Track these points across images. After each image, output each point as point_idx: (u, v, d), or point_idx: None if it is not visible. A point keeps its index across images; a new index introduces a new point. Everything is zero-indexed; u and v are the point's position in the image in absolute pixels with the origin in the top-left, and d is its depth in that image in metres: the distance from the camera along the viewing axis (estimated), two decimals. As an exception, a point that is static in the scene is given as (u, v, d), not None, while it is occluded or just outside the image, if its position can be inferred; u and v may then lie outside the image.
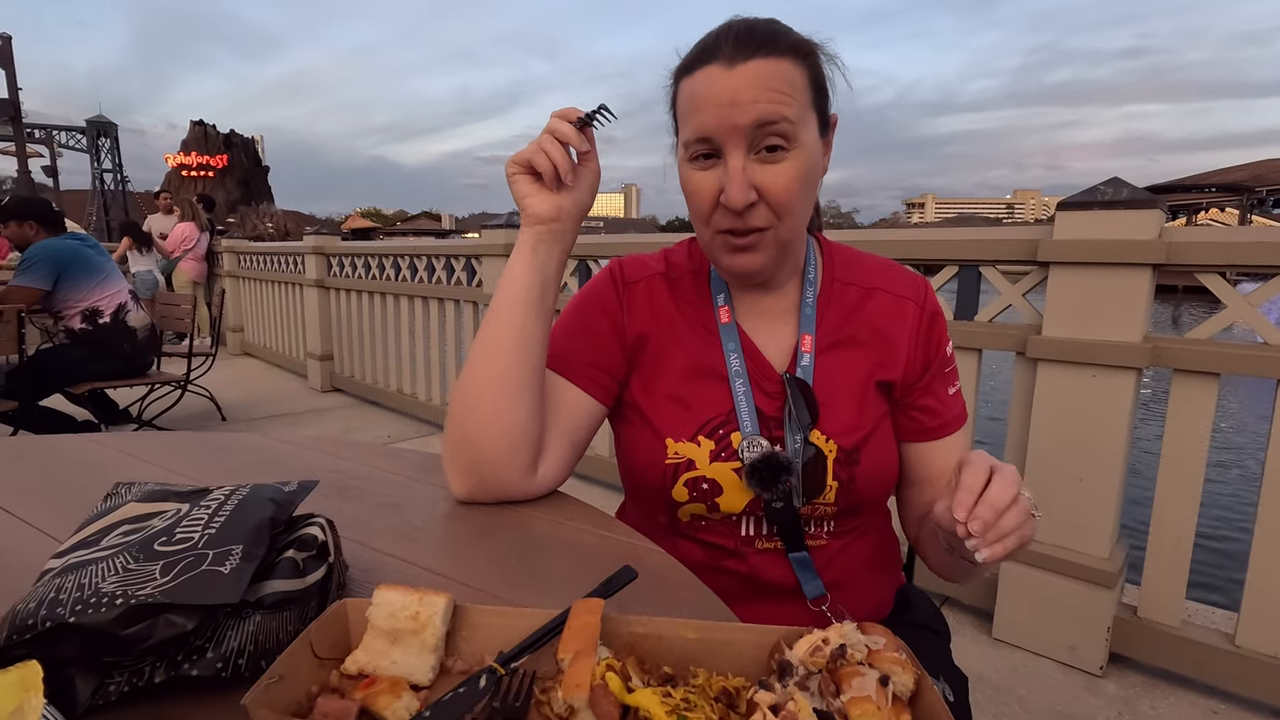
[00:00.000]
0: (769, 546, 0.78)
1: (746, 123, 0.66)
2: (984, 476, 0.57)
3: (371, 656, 0.46)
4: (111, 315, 3.33)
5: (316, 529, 0.53)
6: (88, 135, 33.68)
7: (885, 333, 0.80)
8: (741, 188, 0.67)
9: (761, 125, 0.66)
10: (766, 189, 0.68)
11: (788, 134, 0.67)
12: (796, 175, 0.69)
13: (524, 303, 0.74)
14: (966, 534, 0.55)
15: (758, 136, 0.67)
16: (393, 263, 4.18)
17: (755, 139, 0.67)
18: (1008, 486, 0.56)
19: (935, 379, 0.81)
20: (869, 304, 0.81)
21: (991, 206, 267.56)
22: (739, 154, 0.68)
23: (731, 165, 0.68)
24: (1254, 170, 19.84)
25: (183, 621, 0.41)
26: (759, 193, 0.68)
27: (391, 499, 0.81)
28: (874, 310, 0.80)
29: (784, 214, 0.70)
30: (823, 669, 0.41)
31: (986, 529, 0.55)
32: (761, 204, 0.69)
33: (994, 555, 0.56)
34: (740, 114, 0.66)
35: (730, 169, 0.68)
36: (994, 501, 0.56)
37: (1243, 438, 5.30)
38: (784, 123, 0.66)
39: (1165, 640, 1.70)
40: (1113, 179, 1.70)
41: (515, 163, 0.72)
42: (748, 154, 0.68)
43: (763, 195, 0.69)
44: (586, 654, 0.41)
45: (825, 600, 0.78)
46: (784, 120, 0.66)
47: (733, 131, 0.67)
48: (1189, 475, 1.65)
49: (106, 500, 0.56)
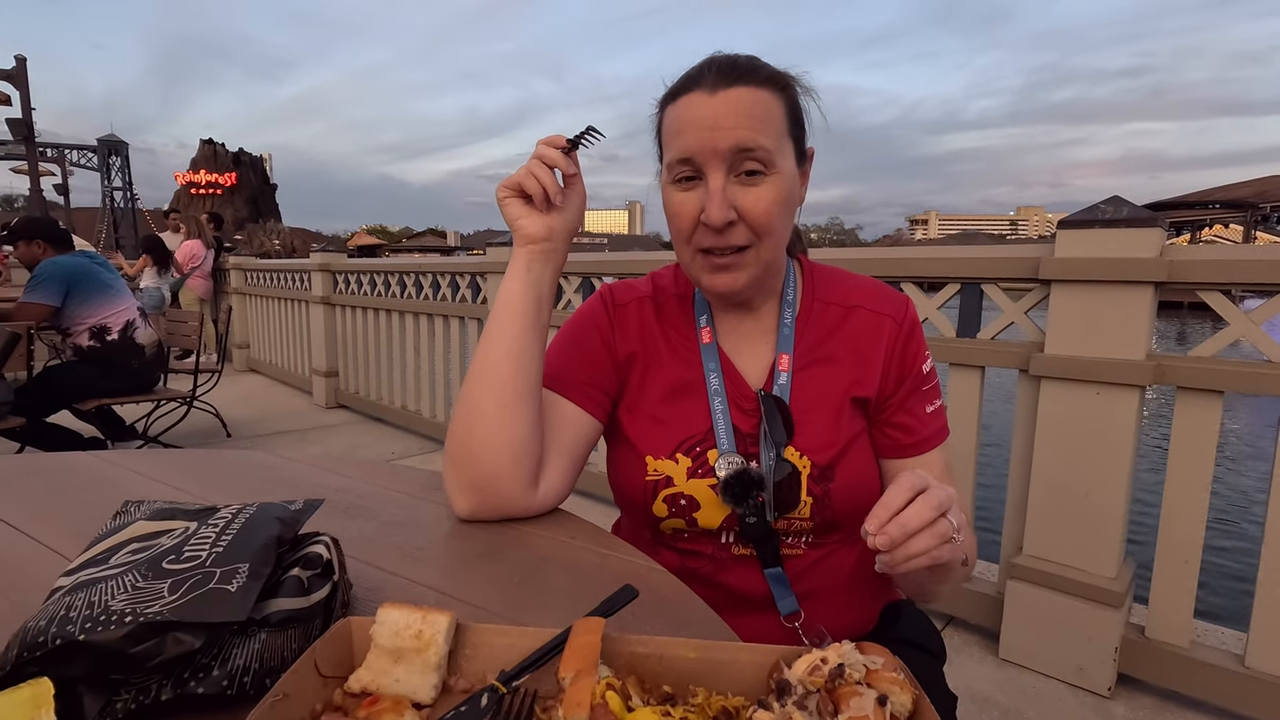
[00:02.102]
0: (745, 553, 0.80)
1: (726, 146, 0.70)
2: (905, 495, 0.58)
3: (375, 675, 0.46)
4: (120, 332, 3.36)
5: (321, 547, 0.54)
6: (99, 154, 34.13)
7: (862, 350, 0.81)
8: (721, 206, 0.71)
9: (740, 150, 0.70)
10: (746, 210, 0.72)
11: (765, 160, 0.71)
12: (774, 198, 0.72)
13: (520, 319, 0.77)
14: (874, 549, 0.57)
15: (737, 160, 0.71)
16: (398, 279, 4.21)
17: (735, 162, 0.71)
18: (926, 509, 0.57)
19: (911, 395, 0.82)
20: (848, 322, 0.83)
21: (995, 223, 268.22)
22: (719, 175, 0.71)
23: (712, 185, 0.71)
24: (1259, 186, 19.82)
25: (190, 639, 0.42)
26: (738, 213, 0.72)
27: (396, 518, 0.82)
28: (853, 328, 0.82)
29: (763, 234, 0.73)
30: (821, 688, 0.41)
31: (893, 545, 0.57)
32: (741, 224, 0.72)
33: (893, 570, 0.58)
34: (720, 138, 0.70)
35: (711, 189, 0.71)
36: (905, 522, 0.57)
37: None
38: (761, 150, 0.70)
39: (1174, 661, 1.68)
40: (1113, 197, 1.72)
41: (506, 187, 0.77)
42: (728, 176, 0.72)
43: (742, 216, 0.72)
44: (587, 673, 0.41)
45: (798, 617, 0.79)
46: (761, 148, 0.70)
47: (713, 154, 0.70)
48: (1195, 493, 1.64)
49: (116, 518, 0.56)
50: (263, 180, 41.21)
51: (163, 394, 3.64)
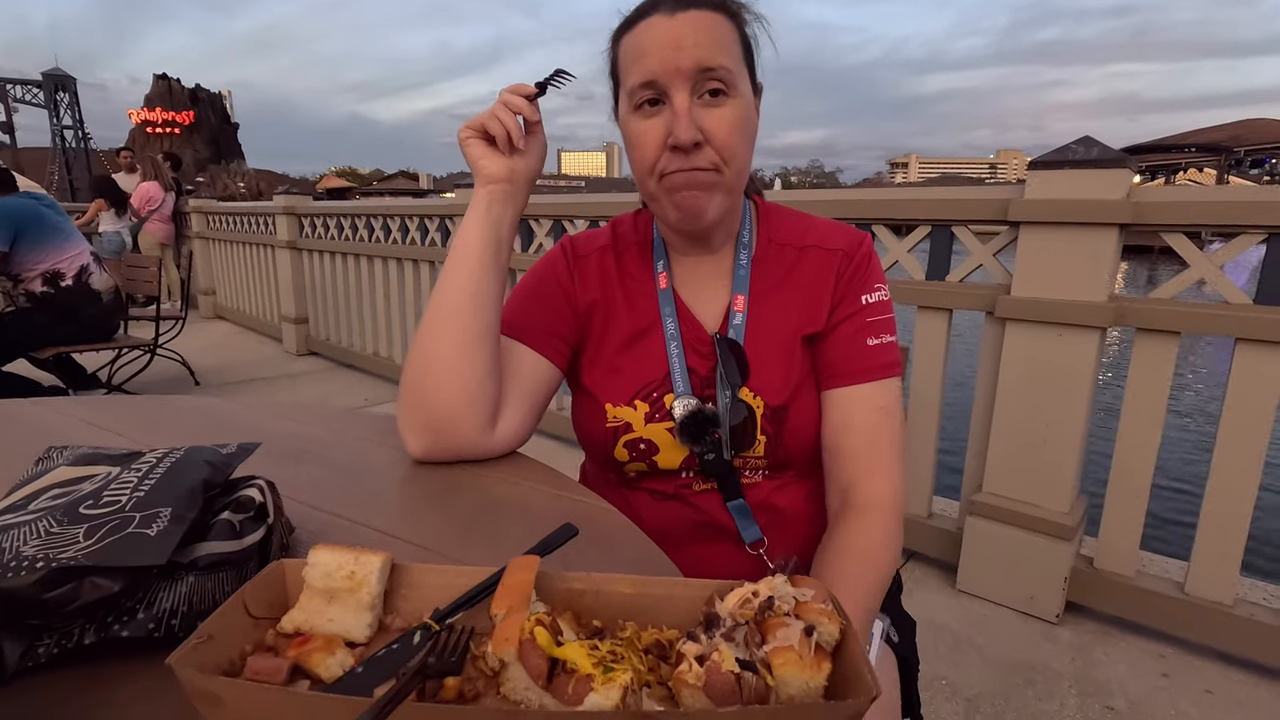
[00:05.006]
0: (706, 488, 0.81)
1: (690, 65, 0.69)
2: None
3: (308, 615, 0.46)
4: (74, 278, 3.24)
5: (255, 490, 0.53)
6: (44, 90, 32.30)
7: (813, 289, 0.80)
8: (689, 125, 0.69)
9: (704, 70, 0.69)
10: (711, 131, 0.71)
11: (727, 80, 0.70)
12: (737, 121, 0.72)
13: (479, 259, 0.76)
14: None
15: (700, 80, 0.70)
16: (365, 223, 4.10)
17: (698, 82, 0.70)
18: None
19: (848, 322, 0.79)
20: (802, 262, 0.82)
21: (975, 167, 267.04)
22: (684, 94, 0.70)
23: (678, 105, 0.70)
24: (1233, 131, 19.89)
25: (108, 584, 0.41)
26: (704, 135, 0.71)
27: (348, 463, 0.81)
28: (806, 268, 0.82)
29: (729, 159, 0.72)
30: (750, 620, 0.41)
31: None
32: (707, 147, 0.71)
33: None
34: (684, 57, 0.69)
35: (677, 109, 0.70)
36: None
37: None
38: (723, 69, 0.70)
39: (1120, 589, 1.76)
40: (1084, 138, 1.70)
41: (469, 127, 0.77)
42: (691, 97, 0.70)
43: (708, 138, 0.71)
44: (518, 610, 0.41)
45: (762, 544, 0.81)
46: (723, 66, 0.70)
47: (677, 73, 0.69)
48: (1147, 431, 1.69)
49: (38, 464, 0.54)
50: (223, 119, 39.39)
51: (124, 341, 3.54)
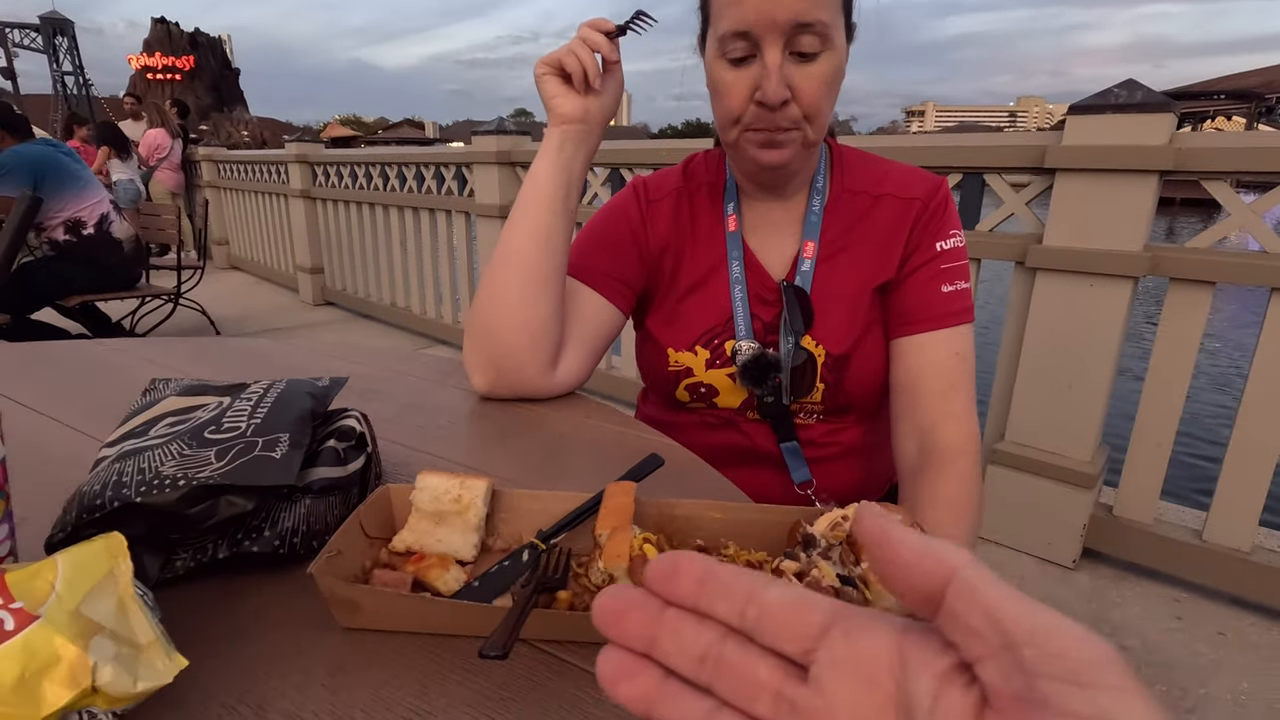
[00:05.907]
0: (762, 425, 0.84)
1: (786, 18, 0.66)
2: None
3: (418, 536, 0.49)
4: (95, 226, 3.25)
5: (353, 421, 0.55)
6: (43, 33, 31.63)
7: (886, 239, 0.80)
8: (779, 85, 0.67)
9: (799, 25, 0.66)
10: (800, 90, 0.69)
11: (823, 34, 0.67)
12: (827, 79, 0.70)
13: (549, 200, 0.76)
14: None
15: (794, 35, 0.67)
16: (380, 171, 4.06)
17: (792, 37, 0.67)
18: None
19: (924, 269, 0.78)
20: (875, 212, 0.81)
21: (994, 114, 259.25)
22: (776, 50, 0.67)
23: (769, 61, 0.67)
24: (1267, 76, 19.14)
25: (242, 502, 0.44)
26: (792, 93, 0.69)
27: (414, 400, 0.83)
28: (880, 217, 0.80)
29: (813, 116, 0.71)
30: (843, 541, 0.44)
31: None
32: (793, 104, 0.70)
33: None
34: (781, 9, 0.65)
35: (768, 65, 0.68)
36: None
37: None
38: (819, 24, 0.67)
39: (1137, 536, 1.80)
40: (1128, 80, 1.66)
41: (545, 63, 0.74)
42: (784, 51, 0.68)
43: (795, 95, 0.69)
44: (623, 529, 0.44)
45: (810, 485, 0.83)
46: (819, 21, 0.66)
47: (771, 27, 0.66)
48: (1175, 382, 1.70)
49: (145, 395, 0.57)
50: (224, 65, 38.53)
51: (147, 290, 3.57)
